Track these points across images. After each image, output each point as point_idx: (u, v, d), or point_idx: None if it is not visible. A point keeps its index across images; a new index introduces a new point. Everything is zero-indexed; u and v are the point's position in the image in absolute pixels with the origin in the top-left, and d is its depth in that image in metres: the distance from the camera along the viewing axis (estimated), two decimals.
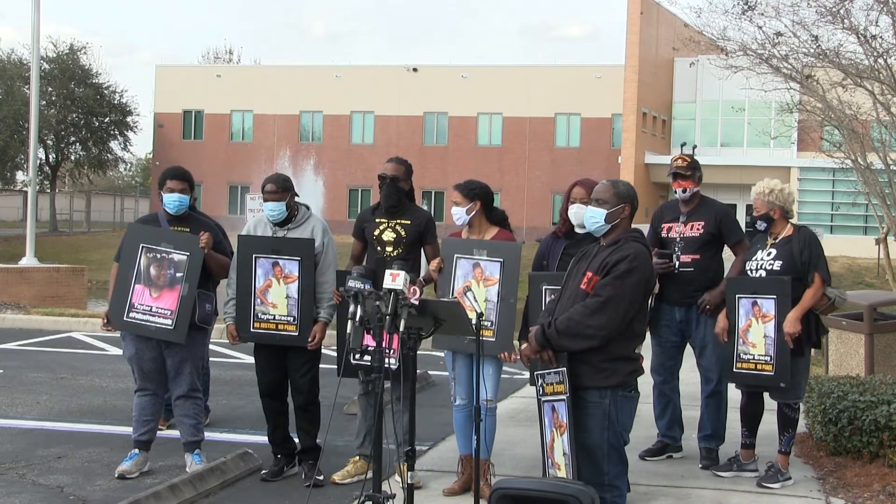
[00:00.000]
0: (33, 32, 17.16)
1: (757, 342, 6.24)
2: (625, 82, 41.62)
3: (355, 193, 49.20)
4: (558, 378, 4.81)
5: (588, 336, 4.66)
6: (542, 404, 5.01)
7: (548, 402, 4.95)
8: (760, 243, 6.46)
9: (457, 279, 6.02)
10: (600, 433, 4.77)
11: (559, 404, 4.84)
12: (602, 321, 4.64)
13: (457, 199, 6.12)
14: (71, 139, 50.59)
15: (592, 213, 4.90)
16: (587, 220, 4.97)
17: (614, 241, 4.84)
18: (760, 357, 6.23)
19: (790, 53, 14.70)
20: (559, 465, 4.89)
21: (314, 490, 6.11)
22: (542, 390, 4.98)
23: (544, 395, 4.98)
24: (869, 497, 6.03)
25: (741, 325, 6.30)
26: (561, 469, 4.87)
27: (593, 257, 4.88)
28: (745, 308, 6.30)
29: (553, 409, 4.89)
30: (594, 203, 4.91)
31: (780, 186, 6.40)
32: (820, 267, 6.24)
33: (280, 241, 6.33)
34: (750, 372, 6.30)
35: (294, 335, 6.25)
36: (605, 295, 4.65)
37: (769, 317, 6.19)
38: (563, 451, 4.83)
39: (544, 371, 4.93)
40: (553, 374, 4.85)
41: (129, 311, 6.33)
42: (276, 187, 6.28)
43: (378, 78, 48.98)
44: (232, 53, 69.24)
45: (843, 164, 17.24)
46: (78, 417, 8.20)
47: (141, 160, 71.40)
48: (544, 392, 4.96)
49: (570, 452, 4.78)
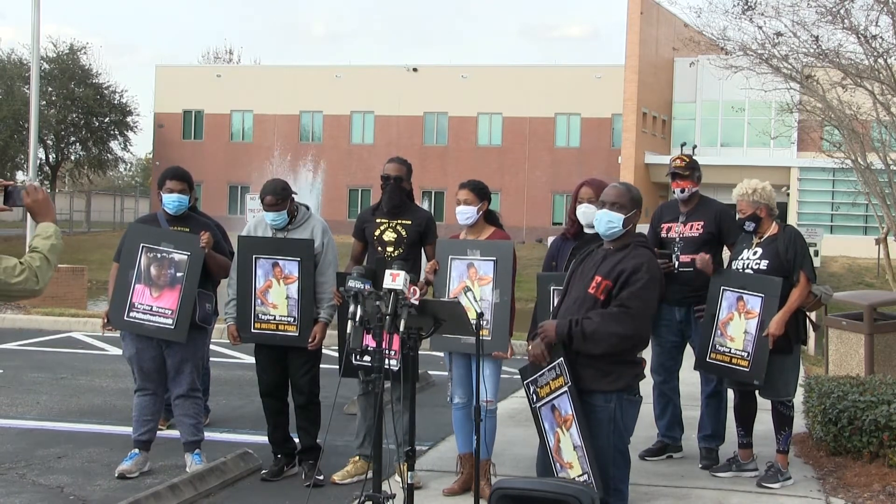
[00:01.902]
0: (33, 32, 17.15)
1: (736, 336, 6.24)
2: (625, 82, 41.63)
3: (355, 193, 49.20)
4: (554, 374, 4.79)
5: (613, 344, 4.70)
6: (539, 410, 4.96)
7: (545, 405, 4.91)
8: (746, 242, 6.48)
9: (452, 280, 6.03)
10: (606, 437, 4.77)
11: (560, 400, 4.81)
12: (629, 331, 4.69)
13: (467, 198, 6.10)
14: (71, 139, 50.59)
15: (610, 218, 4.84)
16: (602, 224, 4.89)
17: (623, 245, 4.85)
18: (737, 352, 6.24)
19: (790, 53, 14.71)
20: (571, 464, 4.84)
21: (314, 490, 6.11)
22: (536, 397, 4.93)
23: (539, 401, 4.94)
24: (869, 497, 6.03)
25: (722, 317, 6.30)
26: (574, 466, 4.81)
27: (602, 261, 4.85)
28: (729, 301, 6.30)
29: (553, 409, 4.87)
30: (610, 207, 4.85)
31: (762, 185, 6.41)
32: (805, 265, 6.25)
33: (280, 241, 6.33)
34: (724, 364, 6.31)
35: (294, 335, 6.25)
36: (634, 307, 4.68)
37: (753, 314, 6.19)
38: (574, 444, 4.79)
39: (536, 376, 4.90)
40: (548, 373, 4.83)
41: (130, 310, 6.33)
42: (275, 199, 6.23)
43: (378, 78, 48.97)
44: (232, 53, 69.31)
45: (843, 164, 17.26)
46: (78, 417, 8.20)
47: (141, 160, 71.40)
48: (538, 398, 4.92)
49: (581, 443, 4.74)
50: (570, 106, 47.03)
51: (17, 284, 3.72)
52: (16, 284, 3.71)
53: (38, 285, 3.80)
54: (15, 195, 3.92)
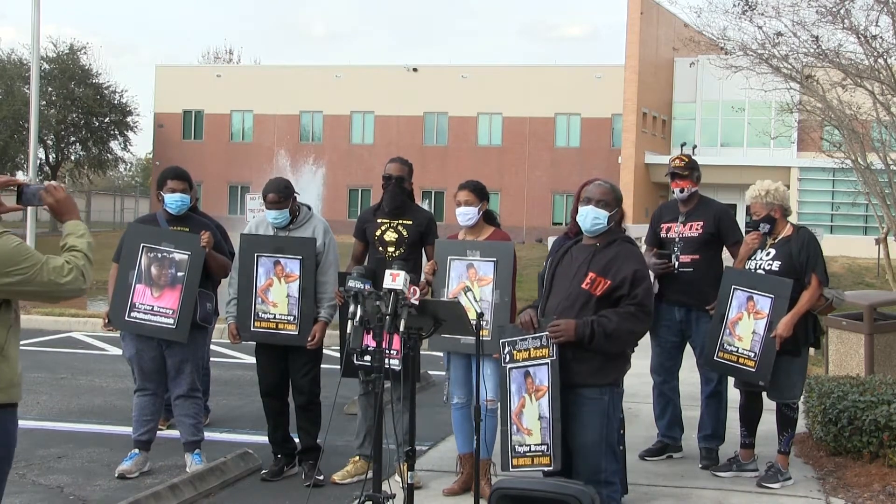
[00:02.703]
0: (33, 32, 17.13)
1: (744, 336, 6.24)
2: (625, 82, 41.62)
3: (355, 193, 49.21)
4: (538, 343, 4.89)
5: (630, 342, 4.96)
6: (510, 371, 5.07)
7: (518, 369, 5.01)
8: (759, 243, 6.46)
9: (451, 280, 6.03)
10: (600, 430, 4.87)
11: (537, 369, 4.91)
12: (643, 329, 4.93)
13: (468, 199, 6.11)
14: (71, 139, 50.60)
15: (596, 214, 5.03)
16: (588, 220, 5.06)
17: (610, 241, 5.02)
18: (744, 351, 6.24)
19: (790, 53, 14.70)
20: (530, 431, 4.96)
21: (314, 490, 6.11)
22: (510, 357, 5.04)
23: (511, 362, 5.04)
24: (869, 497, 6.03)
25: (731, 316, 6.30)
26: (533, 434, 4.94)
27: (592, 257, 4.97)
28: (739, 300, 6.29)
29: (526, 375, 4.97)
30: (595, 204, 5.04)
31: (775, 186, 6.41)
32: (817, 268, 6.24)
33: (282, 239, 6.33)
34: (730, 364, 6.31)
35: (294, 334, 6.25)
36: (648, 305, 4.88)
37: (762, 314, 6.19)
38: (540, 415, 4.89)
39: (515, 338, 5.01)
40: (531, 340, 4.92)
41: (131, 310, 6.33)
42: (278, 197, 6.24)
43: (378, 78, 48.98)
44: (232, 53, 69.36)
45: (843, 164, 17.24)
46: (78, 417, 8.20)
47: (141, 160, 71.39)
48: (512, 359, 5.03)
49: (549, 415, 4.85)
50: (570, 106, 47.04)
51: (67, 285, 3.62)
52: (65, 285, 3.62)
53: (86, 284, 3.70)
54: (31, 195, 3.77)
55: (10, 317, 3.65)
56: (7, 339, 3.62)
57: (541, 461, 5.07)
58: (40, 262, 3.58)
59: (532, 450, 5.09)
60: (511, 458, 5.20)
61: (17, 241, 3.59)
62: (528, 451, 5.12)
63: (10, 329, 3.64)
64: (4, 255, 3.52)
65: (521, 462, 5.22)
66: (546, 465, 5.05)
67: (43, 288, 3.60)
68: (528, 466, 5.14)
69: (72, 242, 3.75)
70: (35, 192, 3.78)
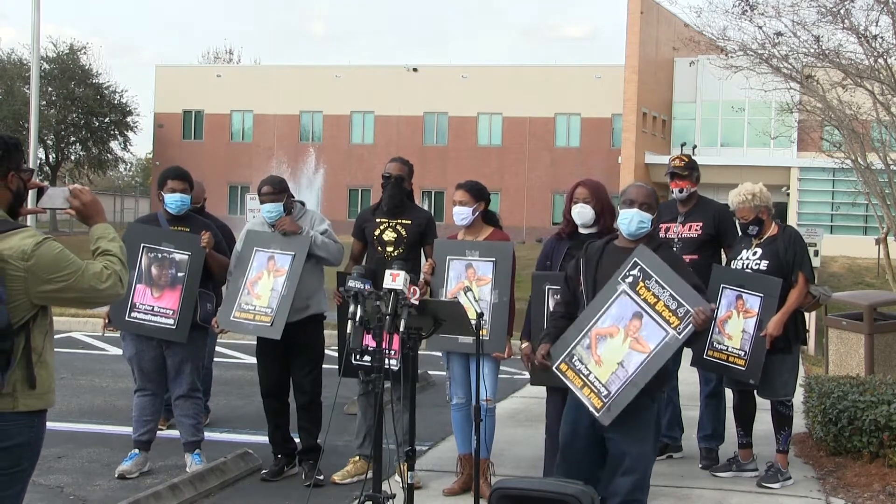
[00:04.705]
0: (33, 32, 17.14)
1: (734, 335, 6.25)
2: (625, 82, 41.61)
3: (355, 193, 49.19)
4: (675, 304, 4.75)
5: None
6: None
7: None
8: (745, 243, 6.48)
9: (450, 280, 6.03)
10: (652, 441, 4.85)
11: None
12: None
13: (464, 199, 6.11)
14: (71, 139, 50.55)
15: (642, 218, 4.92)
16: (633, 223, 4.92)
17: (655, 245, 4.95)
18: (734, 350, 6.24)
19: (790, 53, 14.71)
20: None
21: (314, 490, 6.11)
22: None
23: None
24: (869, 497, 6.03)
25: (720, 315, 6.30)
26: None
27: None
28: (728, 299, 6.30)
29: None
30: (640, 207, 4.91)
31: (759, 188, 6.41)
32: (804, 266, 6.26)
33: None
34: (720, 362, 6.31)
35: (266, 325, 6.22)
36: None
37: (752, 313, 6.20)
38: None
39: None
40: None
41: (131, 310, 6.33)
42: (272, 188, 6.30)
43: (378, 78, 48.96)
44: (232, 53, 69.34)
45: (843, 164, 17.25)
46: (78, 417, 8.20)
47: (141, 160, 71.36)
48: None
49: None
50: (569, 106, 47.02)
51: (106, 290, 3.56)
52: (104, 290, 3.56)
53: (123, 289, 3.65)
54: (53, 198, 3.69)
55: (46, 323, 3.62)
56: (44, 345, 3.60)
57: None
58: (81, 268, 3.54)
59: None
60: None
61: (59, 247, 3.54)
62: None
63: (46, 335, 3.61)
64: (48, 262, 3.49)
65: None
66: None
67: (83, 294, 3.56)
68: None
69: (105, 246, 3.69)
70: (56, 195, 3.71)
